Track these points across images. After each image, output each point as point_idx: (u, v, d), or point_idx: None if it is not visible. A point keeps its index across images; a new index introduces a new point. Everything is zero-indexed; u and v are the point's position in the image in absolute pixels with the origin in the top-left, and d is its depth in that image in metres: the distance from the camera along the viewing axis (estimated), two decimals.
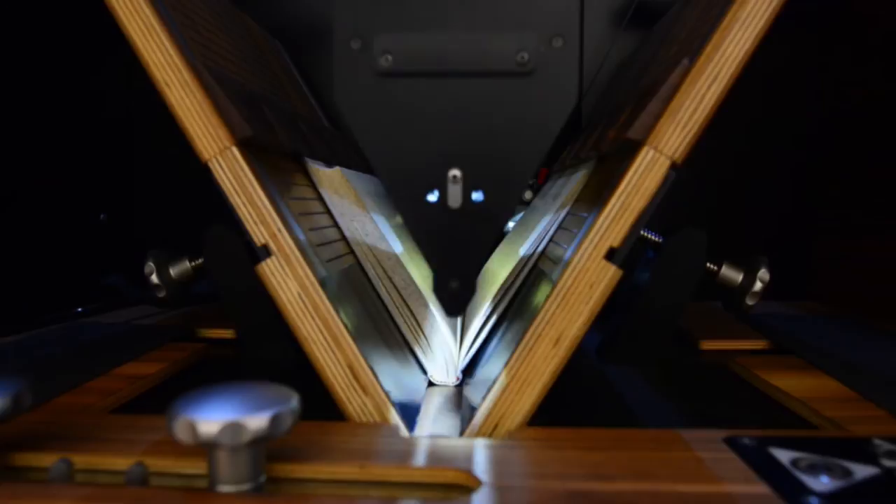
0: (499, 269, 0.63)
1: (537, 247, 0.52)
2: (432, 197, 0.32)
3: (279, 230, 0.37)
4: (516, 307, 0.51)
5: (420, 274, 0.60)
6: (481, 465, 0.29)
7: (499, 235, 0.83)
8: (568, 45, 0.31)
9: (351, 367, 0.36)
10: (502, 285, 0.53)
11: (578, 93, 0.32)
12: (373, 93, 0.32)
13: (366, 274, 0.53)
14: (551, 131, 0.32)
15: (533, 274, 0.52)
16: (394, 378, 0.41)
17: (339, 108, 0.32)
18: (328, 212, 0.53)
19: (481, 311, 0.54)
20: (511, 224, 0.81)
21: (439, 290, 0.33)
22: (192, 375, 0.51)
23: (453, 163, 0.32)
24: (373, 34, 0.32)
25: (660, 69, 0.44)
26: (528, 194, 0.83)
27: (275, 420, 0.25)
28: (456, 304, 0.33)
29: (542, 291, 0.42)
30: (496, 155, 0.32)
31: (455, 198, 0.32)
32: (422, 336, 0.51)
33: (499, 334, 0.51)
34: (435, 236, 0.32)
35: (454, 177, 0.32)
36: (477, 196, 0.32)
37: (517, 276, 0.52)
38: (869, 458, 0.30)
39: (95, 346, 0.54)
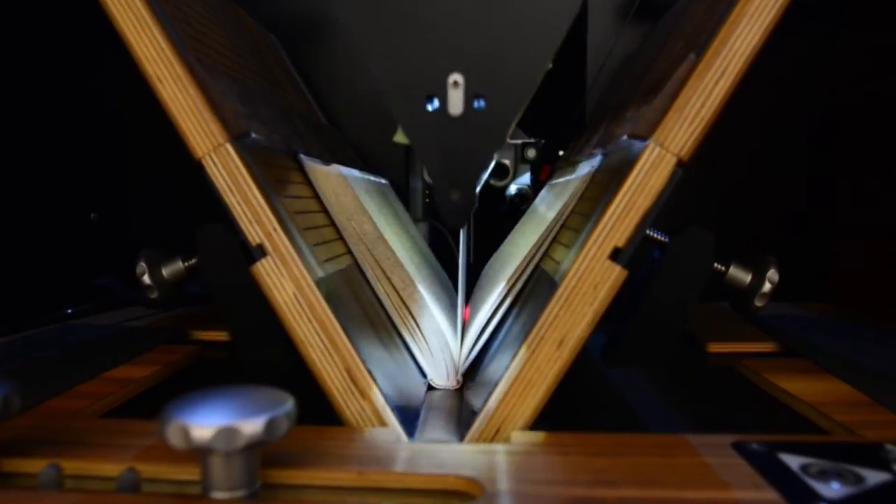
0: (501, 270, 0.62)
1: (540, 246, 0.52)
2: (432, 104, 0.31)
3: (274, 229, 0.37)
4: (519, 309, 0.51)
5: (411, 257, 0.60)
6: (483, 472, 0.29)
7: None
8: None
9: (348, 371, 0.36)
10: (504, 286, 0.53)
11: (583, 3, 0.31)
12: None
13: (364, 274, 0.53)
14: (557, 33, 0.31)
15: (536, 274, 0.52)
16: (392, 381, 0.41)
17: (335, 10, 0.32)
18: (325, 211, 0.53)
19: (483, 313, 0.54)
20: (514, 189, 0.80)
21: (440, 201, 0.32)
22: (186, 379, 0.51)
23: (454, 68, 0.31)
24: None
25: (666, 64, 0.44)
26: (531, 152, 0.82)
27: (270, 425, 0.25)
28: (457, 215, 0.32)
29: (545, 293, 0.42)
30: (499, 59, 0.30)
31: (456, 104, 0.31)
32: (421, 338, 0.51)
33: (501, 336, 0.50)
34: (435, 145, 0.31)
35: (455, 82, 0.31)
36: (478, 103, 0.31)
37: (519, 276, 0.52)
38: (881, 463, 0.30)
39: (86, 348, 0.54)
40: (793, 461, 0.30)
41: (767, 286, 0.50)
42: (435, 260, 0.79)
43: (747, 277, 0.51)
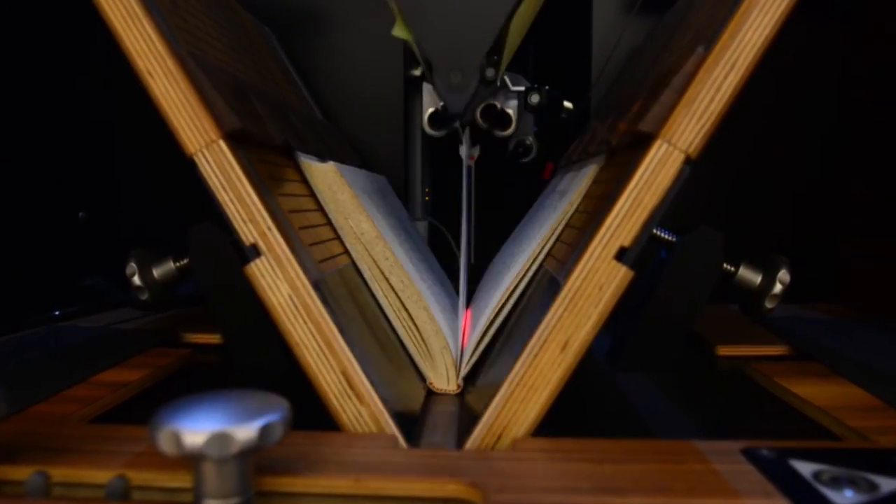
0: (503, 270, 0.62)
1: (543, 246, 0.52)
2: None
3: (269, 229, 0.37)
4: (521, 311, 0.51)
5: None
6: (484, 478, 0.29)
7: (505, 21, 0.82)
8: None
9: (345, 374, 0.36)
10: (507, 287, 0.53)
11: None
12: None
13: (361, 275, 0.53)
14: None
15: (539, 275, 0.52)
16: (391, 385, 0.41)
17: None
18: (321, 209, 0.53)
19: (484, 315, 0.54)
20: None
21: (440, 84, 0.32)
22: (177, 383, 0.51)
23: None
24: None
25: (673, 57, 0.44)
26: (535, 98, 0.81)
27: (264, 430, 0.25)
28: (457, 98, 0.32)
29: (549, 294, 0.42)
30: None
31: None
32: (421, 341, 0.51)
33: (502, 339, 0.50)
34: (433, 23, 0.31)
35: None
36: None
37: (522, 277, 0.52)
38: None
39: (74, 351, 0.54)
40: (804, 468, 0.30)
41: (778, 287, 0.50)
42: (435, 260, 0.79)
43: (757, 278, 0.51)
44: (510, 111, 0.83)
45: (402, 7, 0.31)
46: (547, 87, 0.82)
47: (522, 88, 0.82)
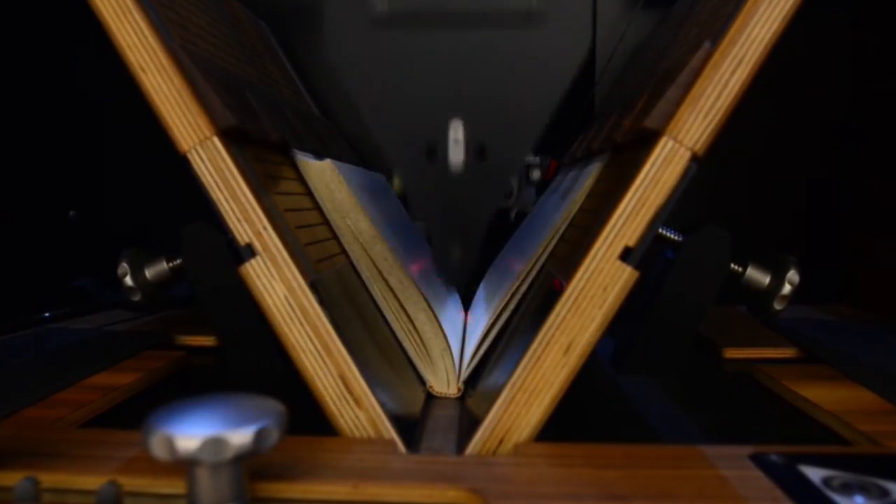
0: (504, 271, 0.62)
1: (546, 246, 0.52)
2: (432, 159, 0.32)
3: (264, 228, 0.37)
4: (523, 312, 0.51)
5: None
6: (485, 484, 0.29)
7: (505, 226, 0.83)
8: None
9: (343, 378, 0.36)
10: (508, 288, 0.53)
11: (592, 41, 0.31)
12: (366, 41, 0.31)
13: (359, 276, 0.53)
14: (561, 82, 0.31)
15: (542, 276, 0.52)
16: (390, 389, 0.41)
17: (330, 58, 0.32)
18: (318, 208, 0.53)
19: (485, 317, 0.54)
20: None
21: (440, 257, 0.32)
22: (170, 386, 0.51)
23: (455, 123, 0.31)
24: None
25: (679, 53, 0.44)
26: (536, 173, 0.82)
27: (260, 435, 0.25)
28: (457, 271, 0.32)
29: (552, 295, 0.42)
30: (501, 111, 0.31)
31: (456, 159, 0.31)
32: (420, 343, 0.51)
33: (504, 341, 0.50)
34: (435, 201, 0.32)
35: (456, 140, 0.31)
36: (480, 158, 0.31)
37: (525, 278, 0.52)
38: None
39: (64, 354, 0.54)
40: (814, 474, 0.30)
41: (787, 288, 0.50)
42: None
43: (766, 279, 0.51)
44: (512, 184, 0.84)
45: (398, 174, 0.32)
46: (550, 159, 0.83)
47: (525, 162, 0.83)
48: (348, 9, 0.30)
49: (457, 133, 0.31)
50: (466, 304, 0.71)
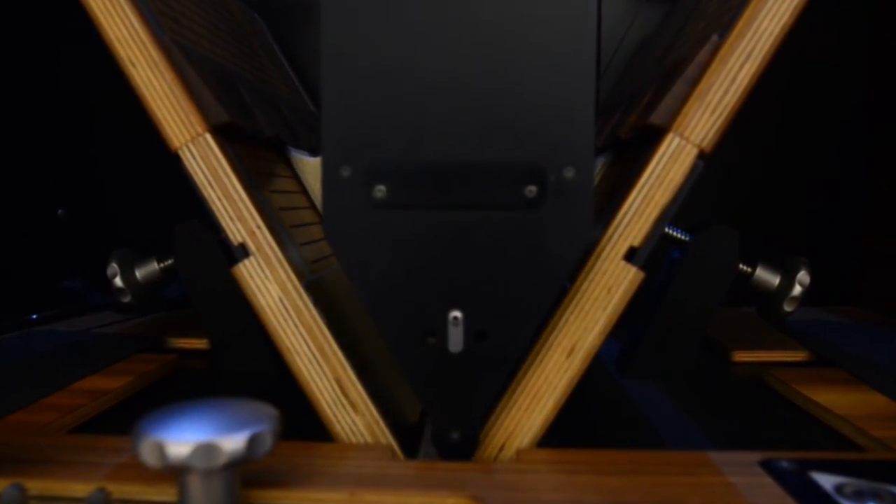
0: None
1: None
2: (431, 340, 0.33)
3: (258, 227, 0.37)
4: None
5: None
6: (486, 492, 0.29)
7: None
8: (580, 174, 0.31)
9: (339, 381, 0.36)
10: None
11: (591, 225, 0.32)
12: (365, 224, 0.32)
13: None
14: (563, 269, 0.32)
15: None
16: (387, 393, 0.41)
17: (327, 240, 0.33)
18: (313, 206, 0.53)
19: None
20: None
21: (438, 439, 0.33)
22: (161, 390, 0.51)
23: (454, 301, 0.32)
24: (365, 161, 0.32)
25: (686, 46, 0.44)
26: None
27: (253, 441, 0.25)
28: (457, 454, 0.33)
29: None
30: (501, 295, 0.32)
31: (456, 341, 0.32)
32: None
33: None
34: (433, 382, 0.33)
35: (455, 318, 0.32)
36: (479, 340, 0.32)
37: None
38: None
39: (52, 357, 0.54)
40: (826, 481, 0.30)
41: (798, 289, 0.50)
42: None
43: (775, 279, 0.51)
44: None
45: (399, 359, 0.33)
46: None
47: None
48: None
49: (455, 312, 0.32)
50: None
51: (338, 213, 0.32)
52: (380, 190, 0.32)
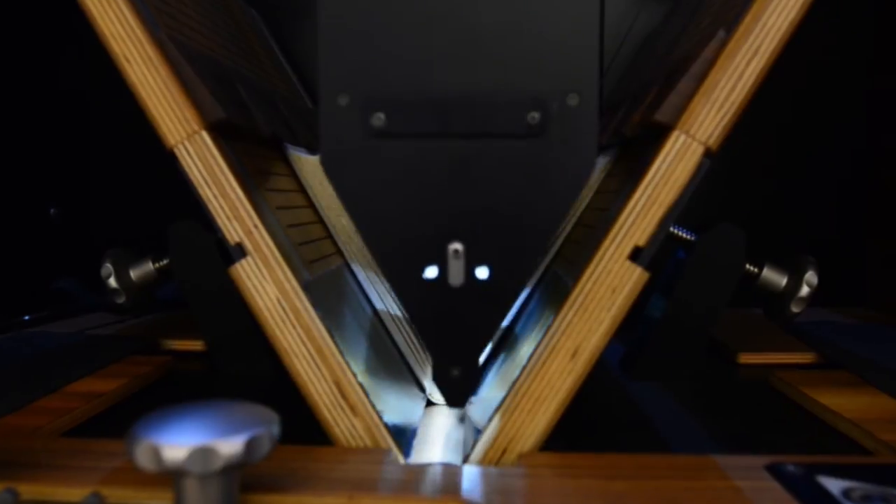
0: None
1: (551, 246, 0.52)
2: (431, 273, 0.32)
3: (255, 227, 0.37)
4: (528, 316, 0.51)
5: None
6: (487, 496, 0.29)
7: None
8: (584, 101, 0.31)
9: (338, 384, 0.36)
10: None
11: (596, 155, 0.32)
12: (363, 154, 0.32)
13: (355, 277, 0.53)
14: (566, 199, 0.32)
15: (547, 277, 0.52)
16: (387, 396, 0.41)
17: (325, 171, 0.33)
18: (312, 205, 0.53)
19: None
20: None
21: (439, 378, 0.33)
22: (156, 393, 0.51)
23: (455, 234, 0.32)
24: (363, 89, 0.32)
25: (692, 42, 0.44)
26: None
27: (251, 444, 0.25)
28: (457, 394, 0.33)
29: (558, 297, 0.42)
30: (503, 226, 0.32)
31: (456, 275, 0.32)
32: (419, 348, 0.51)
33: (508, 346, 0.50)
34: (433, 318, 0.33)
35: (455, 251, 0.32)
36: (481, 273, 0.32)
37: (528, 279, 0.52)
38: None
39: (45, 359, 0.54)
40: (833, 485, 0.30)
41: (805, 290, 0.50)
42: None
43: (783, 280, 0.51)
44: None
45: (398, 294, 0.32)
46: None
47: None
48: None
49: (456, 245, 0.32)
50: None
51: (335, 144, 0.32)
52: (378, 118, 0.32)
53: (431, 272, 0.32)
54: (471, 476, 0.32)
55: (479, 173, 0.31)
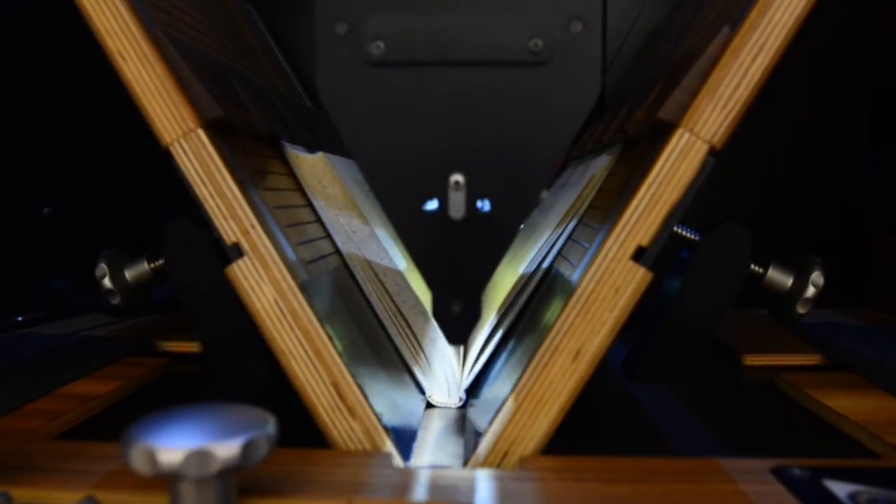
0: (508, 273, 0.62)
1: (553, 246, 0.52)
2: (431, 206, 0.32)
3: (252, 226, 0.37)
4: (529, 316, 0.51)
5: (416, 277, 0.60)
6: (488, 500, 0.29)
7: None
8: (588, 29, 0.31)
9: (336, 386, 0.36)
10: (512, 291, 0.53)
11: (601, 84, 0.32)
12: (362, 84, 0.32)
13: (354, 277, 0.53)
14: (568, 129, 0.32)
15: (548, 278, 0.52)
16: (386, 398, 0.41)
17: (323, 101, 0.32)
18: (310, 205, 0.53)
19: (488, 321, 0.54)
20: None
21: (439, 313, 0.33)
22: (152, 395, 0.51)
23: (455, 166, 0.32)
24: (362, 17, 0.31)
25: (696, 39, 0.44)
26: (543, 194, 0.83)
27: (248, 447, 0.25)
28: (458, 330, 0.33)
29: (560, 298, 0.42)
30: (505, 157, 0.31)
31: (457, 207, 0.32)
32: (419, 350, 0.51)
33: (509, 348, 0.50)
34: (434, 252, 0.32)
35: (456, 183, 0.32)
36: (482, 205, 0.32)
37: (530, 280, 0.52)
38: None
39: (39, 360, 0.54)
40: (840, 489, 0.30)
41: (811, 290, 0.50)
42: None
43: (788, 280, 0.51)
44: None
45: (395, 223, 0.32)
46: (557, 173, 0.83)
47: None
48: None
49: (457, 176, 0.32)
50: None
51: (333, 73, 0.32)
52: (377, 46, 0.32)
53: (432, 205, 0.32)
54: (471, 480, 0.31)
55: (479, 102, 0.31)
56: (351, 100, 0.32)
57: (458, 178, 0.31)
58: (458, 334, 0.33)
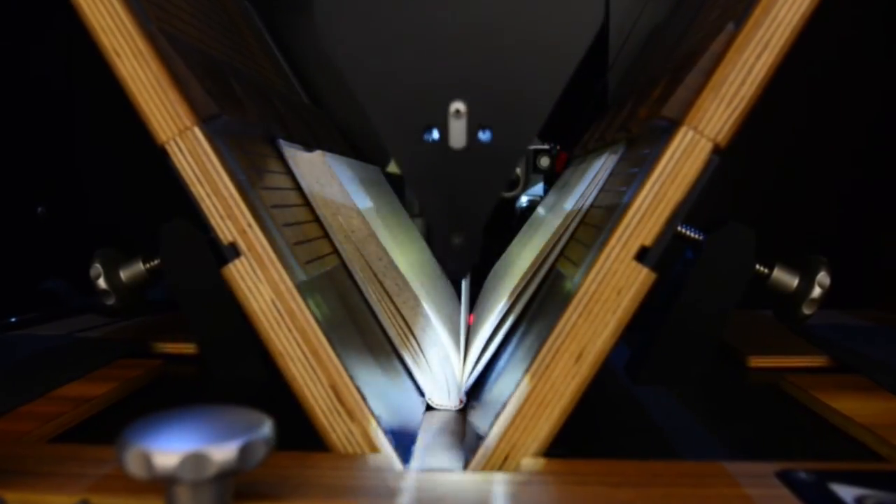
0: (509, 273, 0.62)
1: (554, 246, 0.52)
2: (431, 136, 0.32)
3: (249, 226, 0.37)
4: (530, 317, 0.51)
5: (407, 260, 0.60)
6: None
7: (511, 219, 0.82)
8: None
9: (334, 388, 0.36)
10: (513, 291, 0.52)
11: (604, 12, 0.31)
12: (361, 8, 0.31)
13: (352, 278, 0.53)
14: (572, 56, 0.31)
15: (550, 278, 0.52)
16: (385, 400, 0.41)
17: (320, 30, 0.32)
18: (307, 204, 0.53)
19: (489, 322, 0.54)
20: (524, 197, 0.80)
21: (440, 246, 0.32)
22: (147, 397, 0.51)
23: (456, 95, 0.31)
24: None
25: (699, 36, 0.44)
26: (544, 161, 0.82)
27: (245, 450, 0.25)
28: (459, 262, 0.32)
29: (562, 299, 0.42)
30: (507, 85, 0.31)
31: (458, 136, 0.31)
32: (419, 351, 0.51)
33: (510, 349, 0.50)
34: (434, 182, 0.32)
35: (457, 111, 0.31)
36: (484, 135, 0.31)
37: (531, 280, 0.52)
38: None
39: (32, 362, 0.54)
40: (846, 492, 0.30)
41: (817, 291, 0.50)
42: (435, 261, 0.79)
43: (794, 281, 0.51)
44: (517, 171, 0.84)
45: (397, 157, 0.32)
46: (557, 148, 0.83)
47: (531, 148, 0.83)
48: None
49: (458, 104, 0.31)
50: (470, 306, 0.71)
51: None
52: None
53: (432, 135, 0.32)
54: (472, 484, 0.31)
55: (481, 27, 0.31)
56: (348, 26, 0.31)
57: (458, 105, 0.31)
58: (459, 267, 0.33)
